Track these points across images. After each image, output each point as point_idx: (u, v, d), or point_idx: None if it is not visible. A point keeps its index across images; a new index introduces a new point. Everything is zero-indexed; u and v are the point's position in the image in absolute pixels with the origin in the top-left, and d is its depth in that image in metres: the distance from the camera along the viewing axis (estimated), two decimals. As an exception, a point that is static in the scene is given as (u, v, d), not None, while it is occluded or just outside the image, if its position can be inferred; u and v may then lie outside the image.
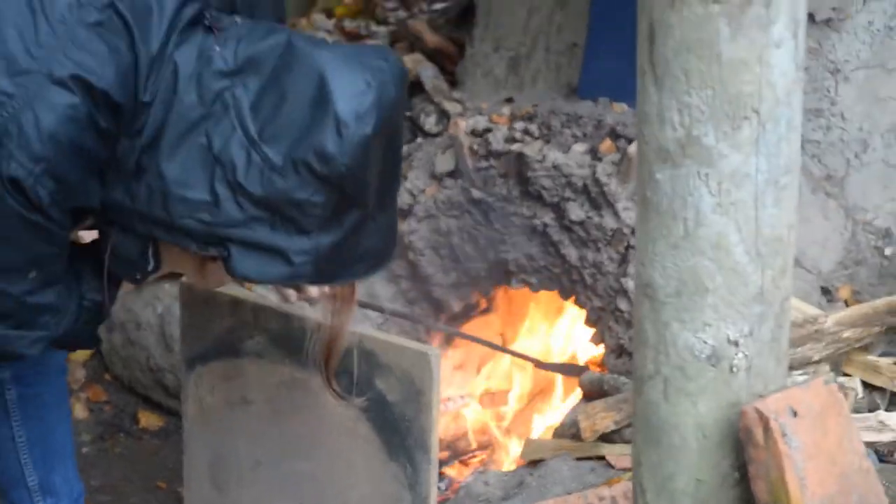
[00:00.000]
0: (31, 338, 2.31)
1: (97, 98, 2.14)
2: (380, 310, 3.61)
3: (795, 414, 2.06)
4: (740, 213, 1.98)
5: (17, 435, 2.79)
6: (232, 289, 3.24)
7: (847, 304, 3.51)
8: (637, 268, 2.10)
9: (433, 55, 4.80)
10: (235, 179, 2.18)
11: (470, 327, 3.89)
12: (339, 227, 2.25)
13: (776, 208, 2.00)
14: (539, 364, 3.64)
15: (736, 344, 2.05)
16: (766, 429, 2.03)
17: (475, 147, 3.68)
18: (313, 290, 2.54)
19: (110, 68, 2.14)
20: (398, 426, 2.95)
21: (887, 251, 3.77)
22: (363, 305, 3.32)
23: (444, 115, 4.08)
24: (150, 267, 2.36)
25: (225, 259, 2.25)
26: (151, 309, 3.84)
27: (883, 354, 3.21)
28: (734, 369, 2.06)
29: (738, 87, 1.91)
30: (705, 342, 2.05)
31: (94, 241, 2.43)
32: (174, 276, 2.86)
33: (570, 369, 3.63)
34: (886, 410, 3.05)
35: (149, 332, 3.87)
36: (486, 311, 3.93)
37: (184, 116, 2.19)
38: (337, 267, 2.31)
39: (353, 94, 2.18)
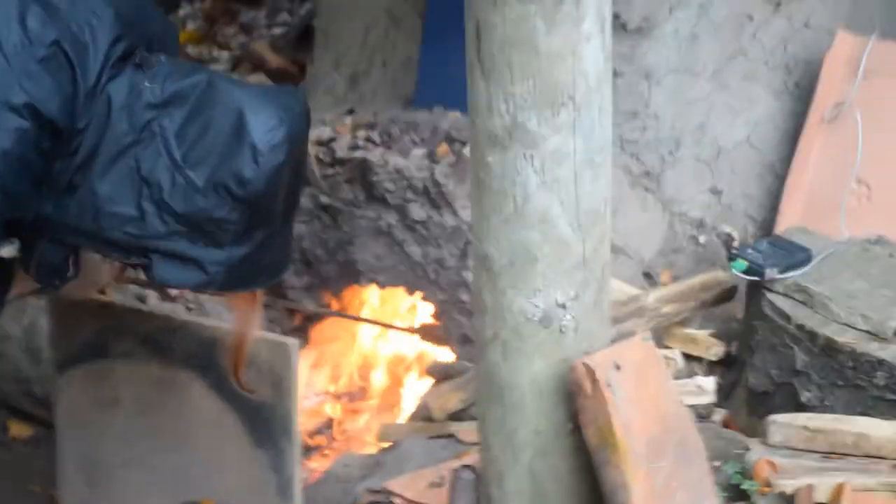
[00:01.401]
0: None
1: (43, 124, 2.32)
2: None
3: (618, 367, 2.23)
4: (562, 189, 2.15)
5: None
6: (96, 295, 3.33)
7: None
8: (474, 242, 2.26)
9: (276, 75, 4.93)
10: (161, 198, 2.37)
11: (322, 327, 4.00)
12: (249, 242, 2.45)
13: (593, 183, 2.17)
14: (392, 327, 3.75)
15: (563, 307, 2.21)
16: (594, 381, 2.20)
17: (321, 155, 3.77)
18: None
19: (56, 98, 2.32)
20: (261, 414, 2.99)
21: (701, 239, 3.95)
22: None
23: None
24: (70, 273, 2.53)
25: (146, 267, 2.44)
26: (16, 322, 3.83)
27: (699, 328, 3.40)
28: (563, 330, 2.22)
29: (555, 76, 2.07)
30: (537, 306, 2.21)
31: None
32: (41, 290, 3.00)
33: (419, 331, 3.75)
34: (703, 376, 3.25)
35: (15, 344, 3.85)
36: (338, 313, 4.02)
37: (116, 141, 2.39)
38: (245, 276, 2.51)
39: (267, 128, 2.39)
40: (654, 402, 2.28)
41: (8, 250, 2.55)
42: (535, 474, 2.28)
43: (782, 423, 2.76)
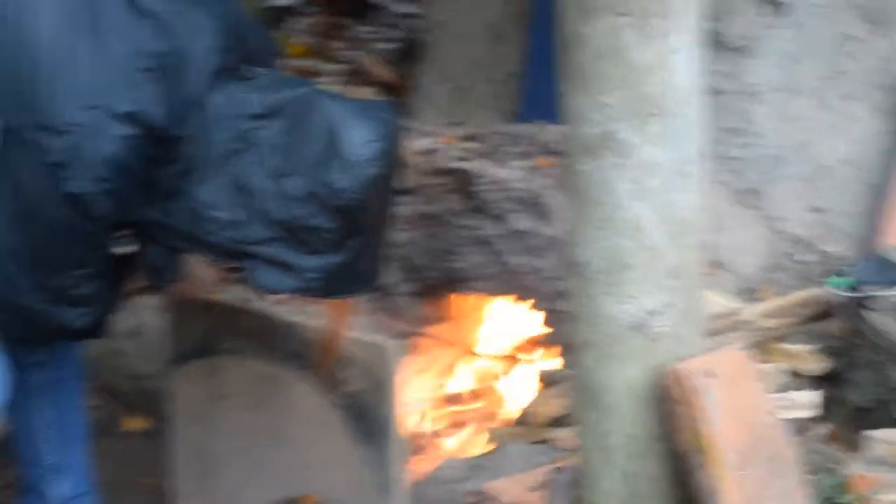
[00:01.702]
0: (75, 315, 2.62)
1: (147, 132, 2.45)
2: None
3: (712, 375, 2.25)
4: (654, 198, 2.19)
5: (37, 417, 2.98)
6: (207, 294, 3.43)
7: (766, 302, 3.70)
8: (568, 249, 2.32)
9: (383, 88, 5.02)
10: (258, 206, 2.50)
11: (430, 333, 4.04)
12: (345, 250, 2.56)
13: (684, 193, 2.21)
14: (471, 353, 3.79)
15: (656, 313, 2.25)
16: (685, 387, 2.23)
17: (424, 165, 3.81)
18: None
19: (160, 107, 2.46)
20: (363, 414, 3.05)
21: (802, 257, 3.89)
22: None
23: None
24: (174, 276, 2.68)
25: (246, 271, 2.57)
26: (133, 321, 3.87)
27: (799, 344, 3.34)
28: (656, 336, 2.26)
29: (645, 88, 2.13)
30: (629, 313, 2.25)
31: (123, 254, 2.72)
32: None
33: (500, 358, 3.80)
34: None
35: (131, 342, 3.91)
36: (443, 318, 4.04)
37: (216, 150, 2.52)
38: (341, 284, 2.62)
39: (362, 141, 2.50)
40: (747, 411, 2.30)
41: (125, 248, 2.68)
42: (628, 477, 2.31)
43: (879, 439, 2.76)
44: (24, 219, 2.49)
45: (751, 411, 2.30)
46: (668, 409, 2.26)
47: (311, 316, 3.40)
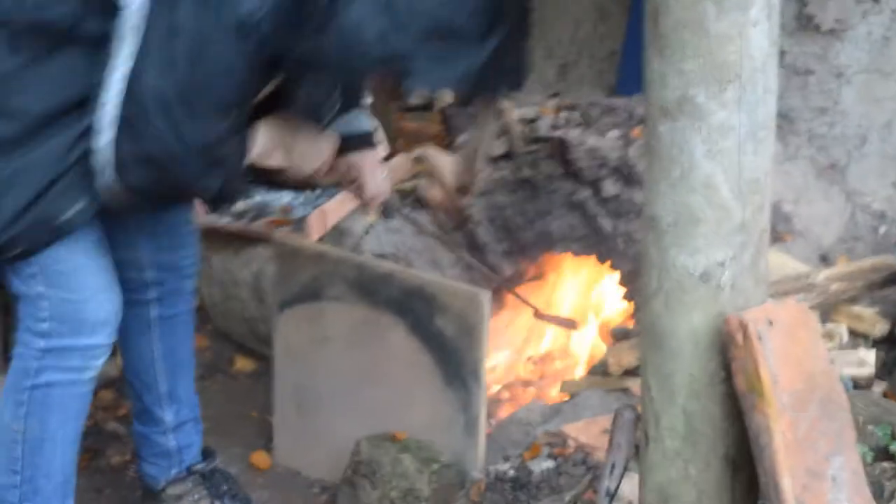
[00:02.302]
0: (213, 178, 2.61)
1: None
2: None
3: (770, 323, 2.32)
4: (726, 159, 2.24)
5: (155, 348, 3.08)
6: (315, 244, 3.59)
7: (840, 268, 3.74)
8: (643, 205, 2.42)
9: None
10: (402, 18, 2.41)
11: (519, 291, 4.13)
12: (488, 46, 2.48)
13: (755, 156, 2.28)
14: (538, 314, 3.74)
15: (722, 265, 2.29)
16: (745, 334, 2.28)
17: (524, 133, 3.85)
18: None
19: None
20: (453, 357, 3.18)
21: (881, 229, 3.95)
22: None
23: (500, 113, 4.36)
24: (336, 108, 2.68)
25: (401, 77, 2.51)
26: (247, 269, 4.01)
27: (866, 306, 3.43)
28: (721, 286, 2.31)
29: (723, 56, 2.17)
30: (698, 264, 2.30)
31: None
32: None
33: (564, 322, 3.78)
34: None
35: (244, 287, 4.03)
36: (535, 277, 4.12)
37: None
38: (489, 79, 2.55)
39: None
40: (803, 358, 2.36)
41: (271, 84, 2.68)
42: (688, 415, 2.38)
43: None
44: (184, 61, 2.44)
45: (806, 358, 2.35)
46: (728, 353, 2.32)
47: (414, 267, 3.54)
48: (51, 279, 2.65)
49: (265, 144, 2.82)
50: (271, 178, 4.09)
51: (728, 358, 2.36)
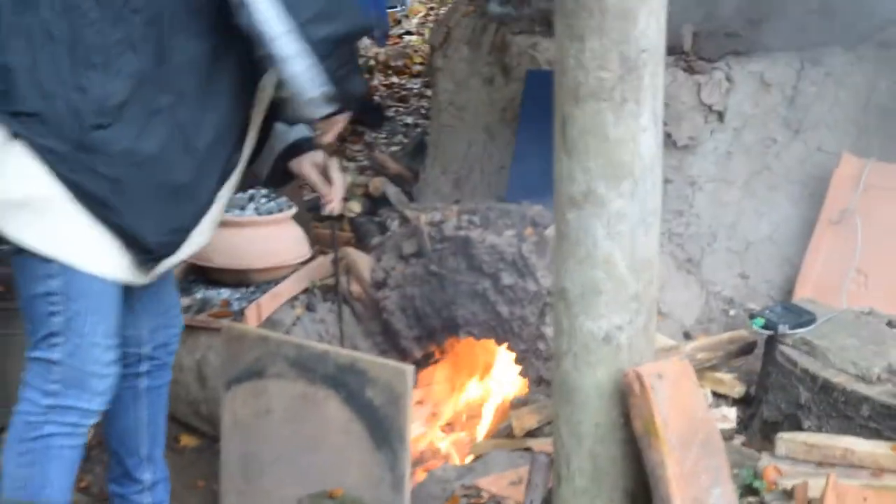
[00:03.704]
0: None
1: None
2: None
3: (660, 376, 2.48)
4: (622, 240, 2.40)
5: (141, 416, 3.12)
6: (258, 329, 3.67)
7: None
8: (554, 280, 2.57)
9: (395, 179, 5.28)
10: None
11: (426, 373, 4.23)
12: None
13: (646, 238, 2.44)
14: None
15: (620, 329, 2.45)
16: (641, 385, 2.43)
17: (432, 234, 3.92)
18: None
19: None
20: (382, 424, 3.21)
21: (731, 312, 4.11)
22: None
23: (405, 220, 4.48)
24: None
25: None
26: (191, 356, 4.03)
27: (726, 372, 3.59)
28: (619, 346, 2.46)
29: (620, 156, 2.34)
30: (601, 328, 2.45)
31: None
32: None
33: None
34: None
35: (188, 372, 4.03)
36: (439, 360, 4.22)
37: None
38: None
39: None
40: (686, 405, 2.52)
41: None
42: (594, 457, 2.50)
43: (787, 439, 2.94)
44: None
45: (689, 405, 2.50)
46: (627, 401, 2.46)
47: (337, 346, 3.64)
48: (71, 347, 2.70)
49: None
50: (211, 277, 4.23)
51: (627, 406, 2.51)
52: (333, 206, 3.02)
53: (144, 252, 2.67)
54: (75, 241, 2.61)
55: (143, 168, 2.55)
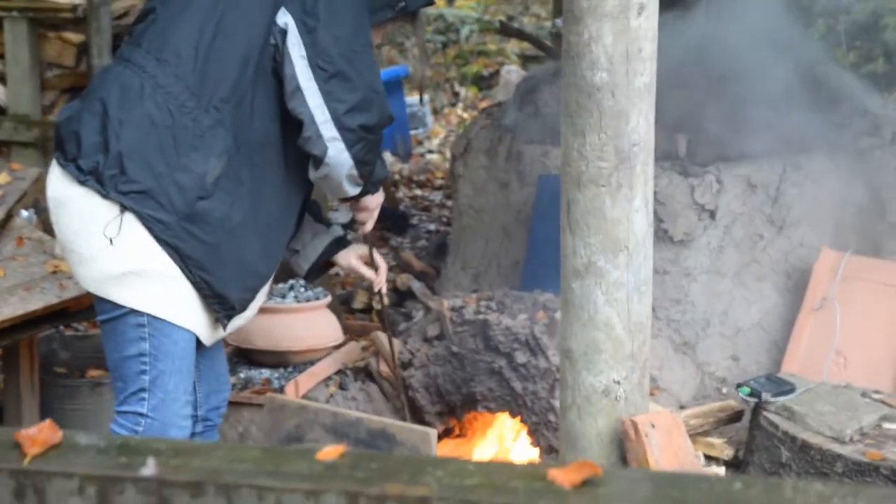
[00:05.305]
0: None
1: None
2: None
3: (653, 426, 2.81)
4: (619, 306, 2.72)
5: None
6: (298, 400, 3.96)
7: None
8: (559, 340, 2.89)
9: (419, 275, 5.55)
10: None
11: (445, 445, 4.49)
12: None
13: (640, 304, 2.78)
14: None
15: (618, 383, 2.77)
16: (637, 432, 2.75)
17: (454, 318, 4.16)
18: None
19: None
20: None
21: (723, 391, 4.31)
22: None
23: (428, 310, 4.76)
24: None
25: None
26: (234, 429, 4.18)
27: (717, 437, 3.81)
28: (618, 399, 2.81)
29: (616, 233, 2.67)
30: (601, 382, 2.77)
31: None
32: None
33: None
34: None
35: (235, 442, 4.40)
36: (459, 435, 4.49)
37: None
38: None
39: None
40: (676, 451, 2.83)
41: None
42: None
43: None
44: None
45: (679, 452, 2.79)
46: (624, 447, 2.78)
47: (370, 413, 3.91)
48: (156, 401, 2.89)
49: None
50: (253, 359, 4.53)
51: (624, 450, 2.82)
52: (383, 286, 3.34)
53: (227, 308, 2.92)
54: (174, 300, 2.85)
55: (234, 233, 2.83)
